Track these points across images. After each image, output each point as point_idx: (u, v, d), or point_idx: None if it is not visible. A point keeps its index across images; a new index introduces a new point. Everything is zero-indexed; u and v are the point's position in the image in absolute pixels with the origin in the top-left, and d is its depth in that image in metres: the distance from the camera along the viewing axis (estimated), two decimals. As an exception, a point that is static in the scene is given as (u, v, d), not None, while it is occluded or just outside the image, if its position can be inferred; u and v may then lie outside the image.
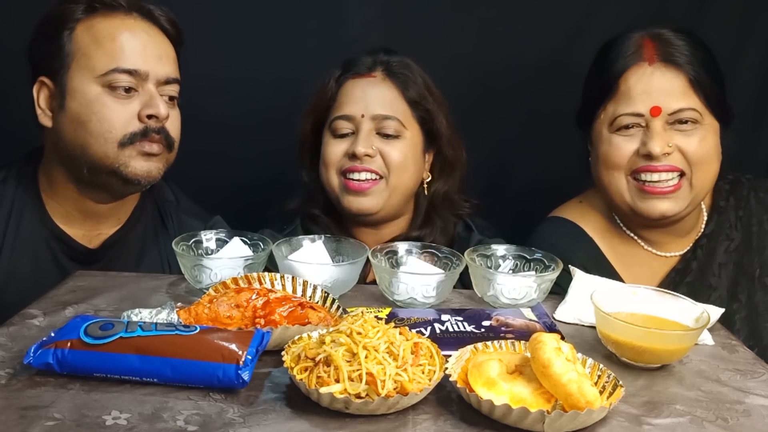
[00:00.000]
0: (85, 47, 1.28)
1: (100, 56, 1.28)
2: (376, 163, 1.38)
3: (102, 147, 1.28)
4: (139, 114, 1.29)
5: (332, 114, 1.42)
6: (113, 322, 0.84)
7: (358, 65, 1.43)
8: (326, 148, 1.42)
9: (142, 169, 1.30)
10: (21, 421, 0.73)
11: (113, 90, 1.27)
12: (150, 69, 1.30)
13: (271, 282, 1.03)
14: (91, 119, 1.27)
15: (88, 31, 1.29)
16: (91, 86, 1.28)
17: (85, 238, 1.39)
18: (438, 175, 1.49)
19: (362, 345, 0.78)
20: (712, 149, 1.28)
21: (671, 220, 1.32)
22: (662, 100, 1.26)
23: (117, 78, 1.27)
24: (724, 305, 1.29)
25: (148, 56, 1.30)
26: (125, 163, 1.29)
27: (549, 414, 0.74)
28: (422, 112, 1.43)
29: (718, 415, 0.83)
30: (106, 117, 1.27)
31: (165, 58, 1.34)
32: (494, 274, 1.12)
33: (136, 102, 1.29)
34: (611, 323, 0.93)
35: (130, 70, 1.28)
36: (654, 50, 1.28)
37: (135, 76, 1.28)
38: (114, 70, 1.27)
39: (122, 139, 1.28)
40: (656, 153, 1.25)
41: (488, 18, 1.79)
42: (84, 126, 1.28)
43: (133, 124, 1.28)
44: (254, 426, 0.75)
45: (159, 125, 1.31)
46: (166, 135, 1.32)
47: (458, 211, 1.50)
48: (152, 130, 1.30)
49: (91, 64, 1.28)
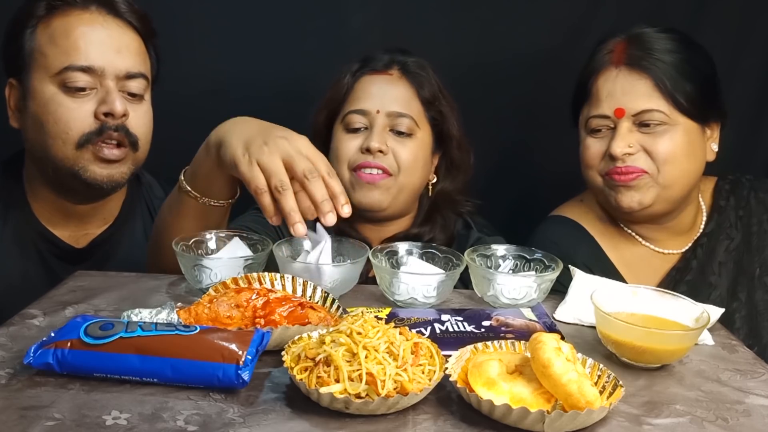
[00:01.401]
0: (42, 46, 1.25)
1: (55, 54, 1.24)
2: (387, 161, 1.38)
3: (61, 148, 1.25)
4: (95, 112, 1.25)
5: (346, 108, 1.42)
6: (113, 322, 0.84)
7: (375, 62, 1.44)
8: (338, 143, 1.42)
9: (101, 175, 1.27)
10: (21, 421, 0.73)
11: (68, 89, 1.24)
12: (107, 64, 1.25)
13: (271, 282, 1.03)
14: (48, 120, 1.24)
15: (45, 29, 1.26)
16: (47, 86, 1.24)
17: (72, 238, 1.38)
18: (443, 176, 1.50)
19: (362, 345, 0.78)
20: (679, 149, 1.29)
21: (649, 214, 1.33)
22: (626, 102, 1.29)
23: (71, 76, 1.23)
24: (724, 304, 1.30)
25: (105, 50, 1.25)
26: (84, 167, 1.26)
27: (549, 414, 0.74)
28: (435, 113, 1.44)
29: (718, 415, 0.83)
30: (62, 117, 1.24)
31: (125, 51, 1.28)
32: (494, 274, 1.12)
33: (92, 100, 1.25)
34: (611, 323, 0.93)
35: (84, 66, 1.23)
36: (622, 54, 1.31)
37: (90, 73, 1.24)
38: (67, 68, 1.23)
39: (79, 140, 1.24)
40: (616, 153, 1.28)
41: (488, 18, 1.79)
42: (42, 127, 1.25)
43: (89, 123, 1.25)
44: (254, 426, 0.75)
45: (116, 123, 1.26)
46: (126, 132, 1.27)
47: (459, 210, 1.51)
48: (109, 128, 1.25)
49: (46, 63, 1.24)
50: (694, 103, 1.28)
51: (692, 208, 1.40)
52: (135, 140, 1.30)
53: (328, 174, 1.04)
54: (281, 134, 1.06)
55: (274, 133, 1.06)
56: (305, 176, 1.01)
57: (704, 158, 1.34)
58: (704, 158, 1.34)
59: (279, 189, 1.01)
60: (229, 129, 1.11)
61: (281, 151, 1.03)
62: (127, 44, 1.29)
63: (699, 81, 1.29)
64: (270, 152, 1.03)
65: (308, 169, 1.02)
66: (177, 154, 1.36)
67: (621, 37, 1.33)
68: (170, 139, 1.43)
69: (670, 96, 1.27)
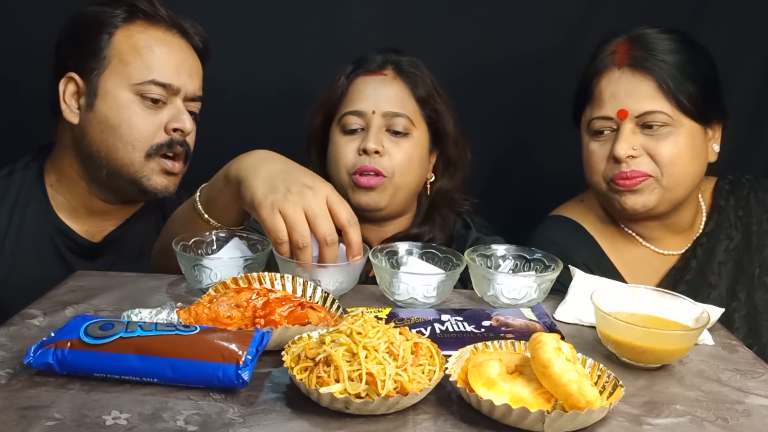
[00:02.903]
0: (124, 54, 1.31)
1: (138, 65, 1.31)
2: (383, 162, 1.39)
3: (129, 154, 1.31)
4: (166, 126, 1.32)
5: (342, 110, 1.43)
6: (113, 322, 0.84)
7: (369, 63, 1.45)
8: (336, 146, 1.43)
9: (161, 184, 1.35)
10: (21, 421, 0.73)
11: (144, 99, 1.30)
12: (182, 85, 1.34)
13: (271, 282, 1.03)
14: (121, 125, 1.30)
15: (127, 38, 1.32)
16: (124, 92, 1.31)
17: (89, 233, 1.41)
18: (441, 174, 1.50)
19: (362, 345, 0.78)
20: (683, 151, 1.29)
21: (653, 214, 1.33)
22: (629, 103, 1.28)
23: (150, 89, 1.30)
24: (724, 304, 1.30)
25: (181, 72, 1.34)
26: (147, 176, 1.33)
27: (549, 414, 0.74)
28: (430, 112, 1.45)
29: (718, 415, 0.83)
30: (136, 125, 1.30)
31: (195, 76, 1.38)
32: (494, 274, 1.12)
33: (164, 114, 1.33)
34: (611, 323, 0.93)
35: (165, 83, 1.31)
36: (625, 55, 1.30)
37: (167, 89, 1.32)
38: (150, 81, 1.30)
39: (149, 149, 1.32)
40: (619, 155, 1.27)
41: (488, 18, 1.79)
42: (113, 130, 1.31)
43: (160, 135, 1.32)
44: (254, 426, 0.75)
45: (182, 138, 1.35)
46: (187, 149, 1.37)
47: (458, 209, 1.51)
48: (177, 142, 1.34)
49: (127, 71, 1.31)
50: (697, 104, 1.28)
51: (692, 207, 1.40)
52: (190, 155, 1.40)
53: (348, 223, 1.07)
54: (305, 181, 1.07)
55: (298, 179, 1.07)
56: (325, 240, 1.05)
57: (706, 159, 1.34)
58: (706, 159, 1.34)
59: (299, 245, 1.03)
60: (252, 166, 1.10)
61: (305, 204, 1.04)
62: (197, 70, 1.40)
63: (701, 81, 1.29)
64: (293, 203, 1.03)
65: (329, 233, 1.04)
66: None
67: (623, 37, 1.33)
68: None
69: (673, 97, 1.27)
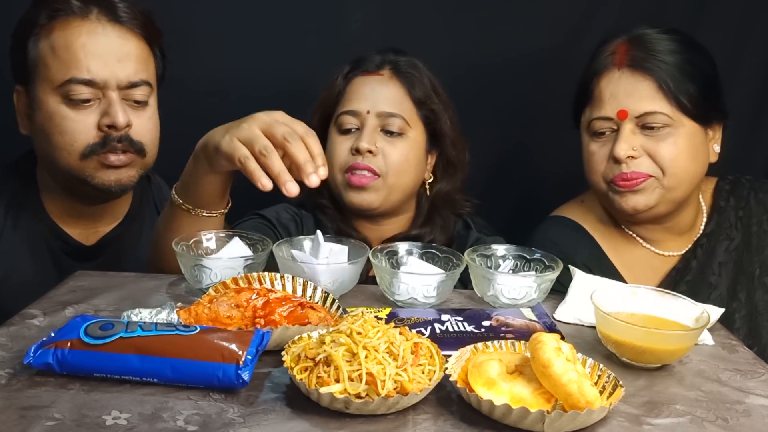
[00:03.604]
0: (45, 57, 1.25)
1: (57, 66, 1.24)
2: (376, 162, 1.39)
3: (66, 159, 1.26)
4: (98, 124, 1.25)
5: (339, 109, 1.43)
6: (113, 322, 0.84)
7: (367, 63, 1.45)
8: (331, 145, 1.43)
9: (110, 179, 1.28)
10: (21, 421, 0.73)
11: (71, 101, 1.24)
12: (109, 75, 1.25)
13: (271, 282, 1.03)
14: (53, 131, 1.25)
15: (47, 39, 1.26)
16: (50, 97, 1.25)
17: (82, 235, 1.39)
18: (441, 176, 1.50)
19: (362, 345, 0.78)
20: (683, 152, 1.28)
21: (652, 215, 1.32)
22: (629, 104, 1.28)
23: (73, 89, 1.23)
24: (724, 304, 1.30)
25: (106, 61, 1.25)
26: (91, 175, 1.27)
27: (549, 414, 0.74)
28: (427, 112, 1.44)
29: (718, 415, 0.83)
30: (66, 130, 1.24)
31: (127, 60, 1.27)
32: (494, 274, 1.12)
33: (95, 112, 1.25)
34: (611, 323, 0.93)
35: (86, 80, 1.23)
36: (625, 55, 1.30)
37: (92, 85, 1.24)
38: (69, 81, 1.23)
39: (83, 151, 1.26)
40: (619, 156, 1.27)
41: (488, 18, 1.79)
42: (48, 138, 1.26)
43: (92, 135, 1.25)
44: (254, 426, 0.75)
45: (120, 134, 1.26)
46: (130, 142, 1.28)
47: (459, 210, 1.51)
48: (112, 140, 1.26)
49: (49, 75, 1.24)
50: (697, 105, 1.28)
51: (693, 208, 1.40)
52: (140, 148, 1.31)
53: (306, 134, 1.05)
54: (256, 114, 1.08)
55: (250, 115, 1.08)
56: (286, 139, 1.02)
57: (707, 160, 1.34)
58: (707, 160, 1.34)
59: (264, 153, 1.01)
60: (212, 131, 1.13)
61: (258, 122, 1.05)
62: (129, 52, 1.28)
63: (701, 82, 1.29)
64: (248, 126, 1.05)
65: (287, 132, 1.03)
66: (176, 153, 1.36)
67: (623, 38, 1.32)
68: (170, 138, 1.43)
69: (673, 97, 1.26)
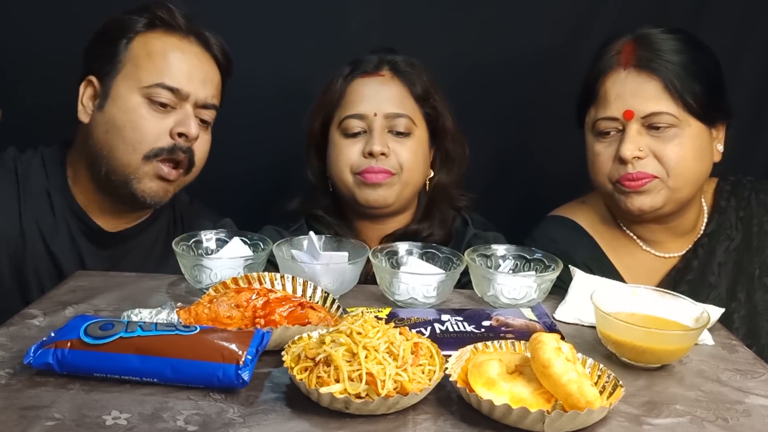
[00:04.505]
0: (137, 58, 1.33)
1: (149, 69, 1.32)
2: (389, 162, 1.39)
3: (128, 155, 1.32)
4: (171, 130, 1.33)
5: (342, 113, 1.42)
6: (113, 322, 0.84)
7: (365, 64, 1.44)
8: (338, 148, 1.42)
9: (151, 189, 1.34)
10: (21, 421, 0.73)
11: (152, 103, 1.31)
12: (192, 90, 1.34)
13: (271, 282, 1.03)
14: (125, 126, 1.32)
15: (144, 44, 1.34)
16: (133, 95, 1.32)
17: (102, 222, 1.42)
18: (438, 169, 1.50)
19: (362, 345, 0.78)
20: (689, 153, 1.28)
21: (657, 215, 1.32)
22: (635, 104, 1.27)
23: (158, 92, 1.31)
24: (724, 304, 1.30)
25: (193, 78, 1.35)
26: (139, 178, 1.33)
27: (549, 414, 0.74)
28: (429, 109, 1.45)
29: (718, 415, 0.83)
30: (140, 127, 1.31)
31: (210, 83, 1.38)
32: (494, 274, 1.13)
33: (171, 118, 1.33)
34: (611, 323, 0.93)
35: (173, 87, 1.32)
36: (631, 55, 1.29)
37: (176, 94, 1.32)
38: (158, 85, 1.31)
39: (149, 152, 1.32)
40: (625, 156, 1.26)
41: (488, 18, 1.79)
42: (118, 131, 1.32)
43: (164, 139, 1.32)
44: (254, 426, 0.75)
45: (187, 144, 1.34)
46: (191, 156, 1.36)
47: (457, 204, 1.51)
48: (179, 148, 1.33)
49: (138, 75, 1.32)
50: (702, 104, 1.27)
51: (695, 209, 1.39)
52: (194, 164, 1.38)
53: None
54: None
55: None
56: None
57: (711, 159, 1.33)
58: (711, 159, 1.33)
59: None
60: None
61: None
62: (212, 78, 1.40)
63: (707, 81, 1.29)
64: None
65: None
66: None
67: (628, 37, 1.32)
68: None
69: (679, 97, 1.26)
